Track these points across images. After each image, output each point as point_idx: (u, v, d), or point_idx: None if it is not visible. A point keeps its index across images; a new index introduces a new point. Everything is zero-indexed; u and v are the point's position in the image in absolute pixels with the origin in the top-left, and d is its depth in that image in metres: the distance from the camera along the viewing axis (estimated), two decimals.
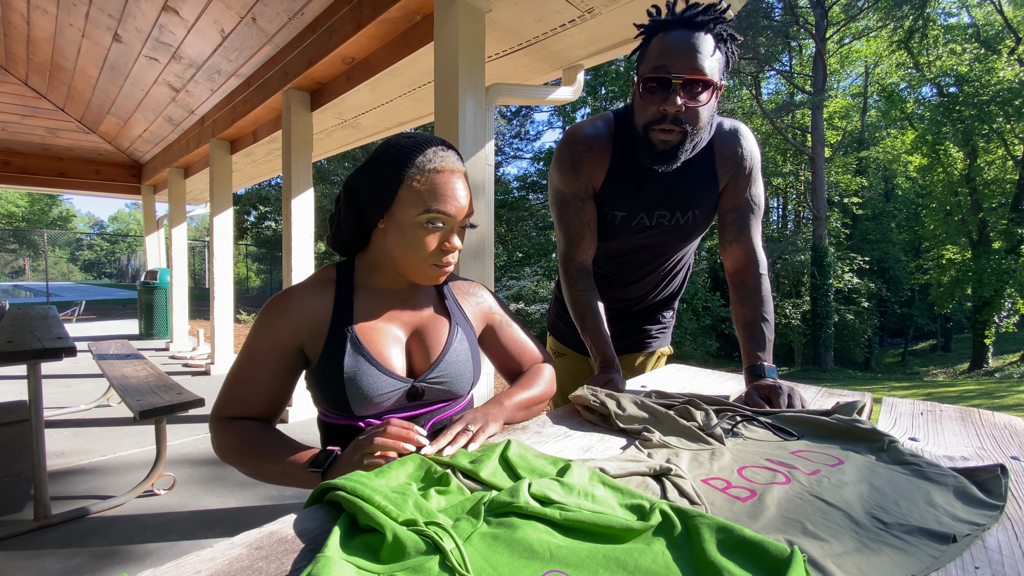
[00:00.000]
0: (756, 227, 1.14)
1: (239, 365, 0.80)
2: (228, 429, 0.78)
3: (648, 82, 0.95)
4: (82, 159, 6.19)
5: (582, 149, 1.11)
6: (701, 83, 0.93)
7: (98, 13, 3.13)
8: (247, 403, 0.79)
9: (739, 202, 1.13)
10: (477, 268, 1.90)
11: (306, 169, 3.15)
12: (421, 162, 0.76)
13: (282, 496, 2.24)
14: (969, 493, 0.56)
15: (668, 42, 0.93)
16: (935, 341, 25.24)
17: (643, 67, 0.97)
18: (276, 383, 0.80)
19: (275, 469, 0.72)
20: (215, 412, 0.80)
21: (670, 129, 0.96)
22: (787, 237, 19.13)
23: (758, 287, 1.10)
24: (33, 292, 20.25)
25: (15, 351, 1.85)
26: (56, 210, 39.03)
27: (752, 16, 15.68)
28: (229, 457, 0.78)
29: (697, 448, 0.71)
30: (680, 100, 0.93)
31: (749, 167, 1.11)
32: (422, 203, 0.76)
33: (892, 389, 11.14)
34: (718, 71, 0.95)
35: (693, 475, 0.63)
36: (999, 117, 13.91)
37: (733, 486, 0.60)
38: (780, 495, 0.57)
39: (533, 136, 26.61)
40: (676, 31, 0.93)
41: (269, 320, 0.79)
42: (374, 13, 2.11)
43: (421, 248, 0.78)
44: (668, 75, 0.92)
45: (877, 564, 0.44)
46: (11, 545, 1.80)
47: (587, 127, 1.13)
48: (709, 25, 0.92)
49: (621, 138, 1.10)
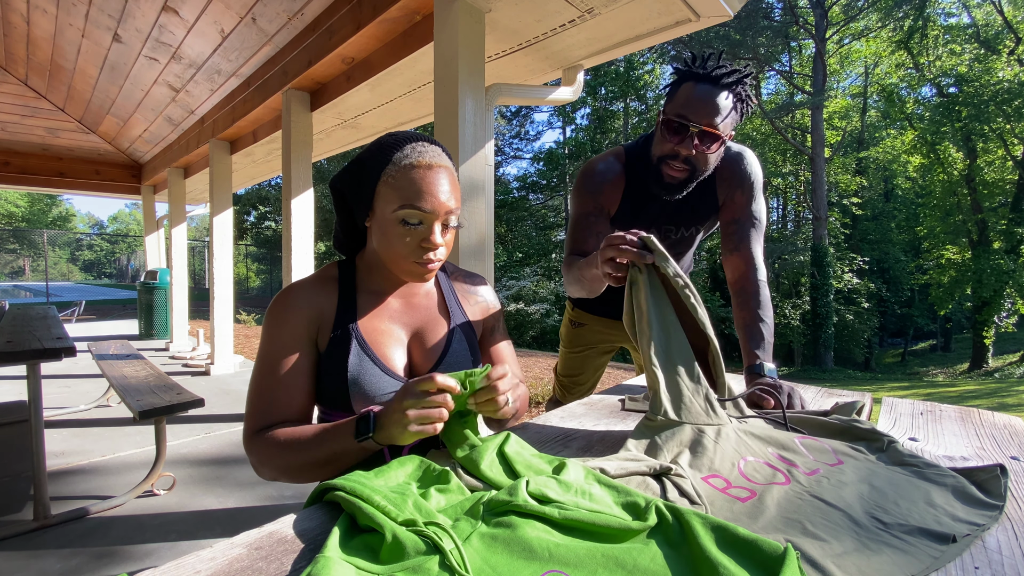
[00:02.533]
0: (756, 239, 1.21)
1: (259, 371, 0.77)
2: (264, 439, 0.73)
3: (671, 123, 1.07)
4: (82, 159, 6.19)
5: (600, 179, 1.23)
6: (713, 136, 1.05)
7: (98, 13, 3.13)
8: (278, 406, 0.76)
9: (739, 215, 1.21)
10: (477, 268, 1.90)
11: (306, 169, 3.15)
12: (398, 158, 0.76)
13: (282, 496, 2.24)
14: (968, 493, 0.56)
15: (695, 93, 1.05)
16: (935, 341, 25.24)
17: (669, 107, 1.09)
18: (303, 376, 0.77)
19: (324, 454, 0.69)
20: (247, 432, 0.76)
21: (680, 168, 1.09)
22: (787, 237, 19.13)
23: (757, 291, 1.13)
24: (33, 292, 20.24)
25: (15, 351, 1.85)
26: (56, 210, 39.04)
27: (752, 16, 15.68)
28: (275, 467, 0.72)
29: (704, 423, 0.71)
30: (693, 145, 1.05)
31: (749, 185, 1.21)
32: (397, 199, 0.75)
33: (892, 389, 11.14)
34: (731, 126, 1.08)
35: (693, 472, 0.63)
36: (999, 117, 13.90)
37: (733, 486, 0.60)
38: (780, 495, 0.57)
39: (533, 136, 26.65)
40: (703, 84, 1.05)
41: (281, 315, 0.78)
42: (374, 13, 2.11)
43: (400, 245, 0.76)
44: (687, 122, 1.05)
45: (877, 564, 0.44)
46: (11, 545, 1.80)
47: (601, 163, 1.25)
48: (732, 85, 1.04)
49: (632, 169, 1.23)
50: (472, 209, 1.87)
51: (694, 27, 2.01)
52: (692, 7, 1.89)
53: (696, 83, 1.05)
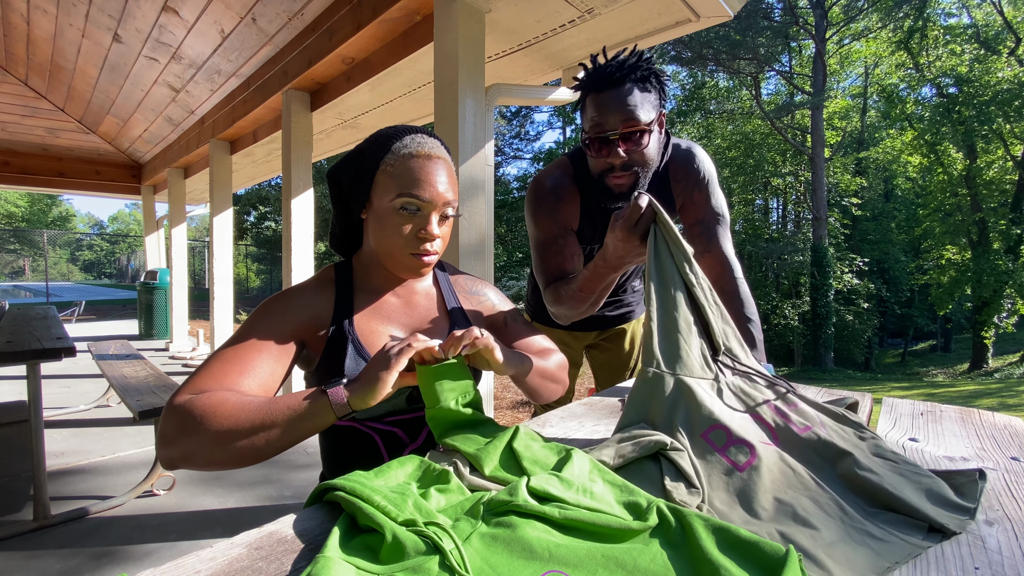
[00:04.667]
0: (724, 235, 1.19)
1: (225, 348, 0.70)
2: (200, 399, 0.61)
3: (592, 141, 1.05)
4: (82, 159, 6.19)
5: (553, 199, 1.19)
6: (638, 131, 1.01)
7: (98, 13, 3.13)
8: (226, 384, 0.66)
9: (702, 215, 1.19)
10: (477, 268, 1.90)
11: (306, 169, 3.15)
12: (397, 147, 0.76)
13: (282, 496, 2.24)
14: (941, 495, 0.56)
15: (599, 103, 1.02)
16: (935, 341, 25.23)
17: (584, 124, 1.06)
18: (268, 368, 0.70)
19: (274, 416, 0.60)
20: (178, 394, 0.63)
21: (623, 174, 1.05)
22: (787, 237, 19.13)
23: (737, 291, 1.13)
24: (33, 292, 20.25)
25: (15, 351, 1.85)
26: (56, 210, 39.06)
27: (752, 16, 15.68)
28: (200, 432, 0.59)
29: (699, 376, 0.72)
30: (622, 150, 1.02)
31: (704, 183, 1.18)
32: (396, 187, 0.75)
33: (892, 389, 11.14)
34: (652, 109, 1.03)
35: (692, 430, 0.64)
36: (999, 118, 13.91)
37: (733, 439, 0.61)
38: (774, 465, 0.59)
39: (533, 136, 26.64)
40: (604, 91, 1.01)
41: (271, 309, 0.76)
42: (374, 13, 2.11)
43: (397, 235, 0.76)
44: (604, 132, 1.02)
45: (864, 555, 0.46)
46: (10, 545, 1.80)
47: (549, 179, 1.20)
48: (627, 76, 1.00)
49: (582, 180, 1.19)
50: (472, 209, 1.87)
51: (694, 27, 2.01)
52: (692, 7, 1.89)
53: (596, 92, 1.03)
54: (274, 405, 0.61)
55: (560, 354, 0.95)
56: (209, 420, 0.59)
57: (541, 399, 0.88)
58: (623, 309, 1.52)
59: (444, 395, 0.66)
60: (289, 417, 0.60)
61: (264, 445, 0.60)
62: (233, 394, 0.63)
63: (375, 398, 0.62)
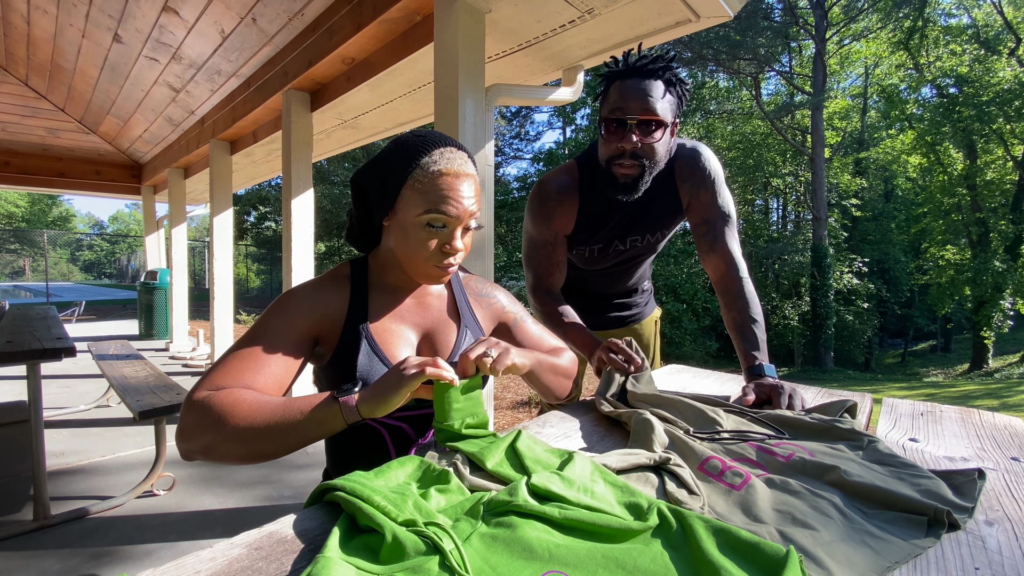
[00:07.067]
0: (731, 235, 1.21)
1: (240, 348, 0.72)
2: (218, 396, 0.65)
3: (608, 123, 1.08)
4: (82, 159, 6.19)
5: (553, 204, 1.23)
6: (654, 123, 1.05)
7: (98, 13, 3.13)
8: (243, 381, 0.69)
9: (708, 214, 1.21)
10: (477, 268, 1.90)
11: (306, 169, 3.15)
12: (426, 163, 0.75)
13: (282, 496, 2.24)
14: (940, 495, 0.56)
15: (624, 88, 1.06)
16: (935, 342, 25.23)
17: (604, 109, 1.10)
18: (282, 365, 0.73)
19: (288, 419, 0.63)
20: (196, 390, 0.67)
21: (630, 164, 1.08)
22: (787, 238, 19.13)
23: (741, 290, 1.14)
24: (33, 292, 20.24)
25: (15, 351, 1.85)
26: (56, 210, 39.03)
27: (752, 16, 15.68)
28: (216, 429, 0.63)
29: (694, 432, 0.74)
30: (636, 138, 1.05)
31: (710, 182, 1.20)
32: (423, 204, 0.74)
33: (892, 390, 11.13)
34: (670, 111, 1.07)
35: (690, 462, 0.65)
36: (999, 118, 13.90)
37: (727, 468, 0.62)
38: (767, 481, 0.60)
39: (533, 137, 26.66)
40: (631, 79, 1.06)
41: (287, 305, 0.77)
42: (374, 13, 2.11)
43: (422, 248, 0.76)
44: (624, 117, 1.05)
45: (864, 555, 0.46)
46: (10, 545, 1.80)
47: (554, 183, 1.24)
48: (659, 72, 1.05)
49: (587, 183, 1.23)
50: None
51: (694, 27, 2.01)
52: (692, 7, 1.89)
53: (623, 80, 1.06)
54: (288, 409, 0.65)
55: (570, 352, 0.97)
56: (226, 419, 0.63)
57: (551, 396, 0.90)
58: (633, 311, 1.53)
59: (453, 414, 0.66)
60: (302, 422, 0.64)
61: (277, 446, 0.65)
62: (249, 393, 0.67)
63: (385, 410, 0.65)
